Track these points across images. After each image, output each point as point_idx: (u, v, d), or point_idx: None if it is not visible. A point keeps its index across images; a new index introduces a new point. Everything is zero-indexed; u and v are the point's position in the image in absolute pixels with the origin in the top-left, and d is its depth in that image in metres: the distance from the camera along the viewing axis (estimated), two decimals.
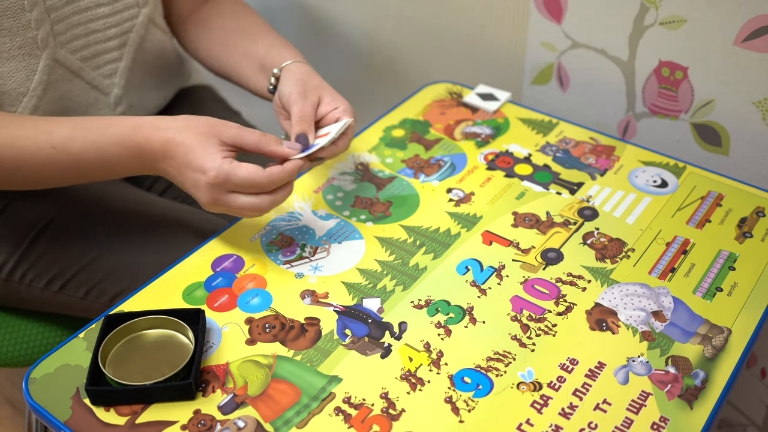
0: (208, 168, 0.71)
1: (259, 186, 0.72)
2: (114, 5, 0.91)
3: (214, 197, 0.73)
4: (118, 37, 0.93)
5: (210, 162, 0.72)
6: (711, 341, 0.70)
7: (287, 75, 0.86)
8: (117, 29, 0.92)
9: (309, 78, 0.85)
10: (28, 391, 0.66)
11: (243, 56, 0.94)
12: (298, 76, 0.85)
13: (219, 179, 0.71)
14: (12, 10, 0.80)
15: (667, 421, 0.63)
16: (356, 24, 1.32)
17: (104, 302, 0.88)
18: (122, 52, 0.95)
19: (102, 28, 0.91)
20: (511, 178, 0.90)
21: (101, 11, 0.89)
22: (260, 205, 0.74)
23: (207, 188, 0.72)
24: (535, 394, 0.66)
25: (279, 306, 0.74)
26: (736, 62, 0.92)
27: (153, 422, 0.64)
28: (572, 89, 1.11)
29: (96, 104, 0.94)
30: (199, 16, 1.02)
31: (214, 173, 0.71)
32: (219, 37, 0.98)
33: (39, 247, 0.89)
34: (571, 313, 0.73)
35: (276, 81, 0.88)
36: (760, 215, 0.84)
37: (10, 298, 0.93)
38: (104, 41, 0.92)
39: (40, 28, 0.83)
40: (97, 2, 0.89)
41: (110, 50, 0.93)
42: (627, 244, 0.81)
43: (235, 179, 0.72)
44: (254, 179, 0.72)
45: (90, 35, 0.90)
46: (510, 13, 1.10)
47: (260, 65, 0.92)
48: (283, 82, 0.86)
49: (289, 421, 0.64)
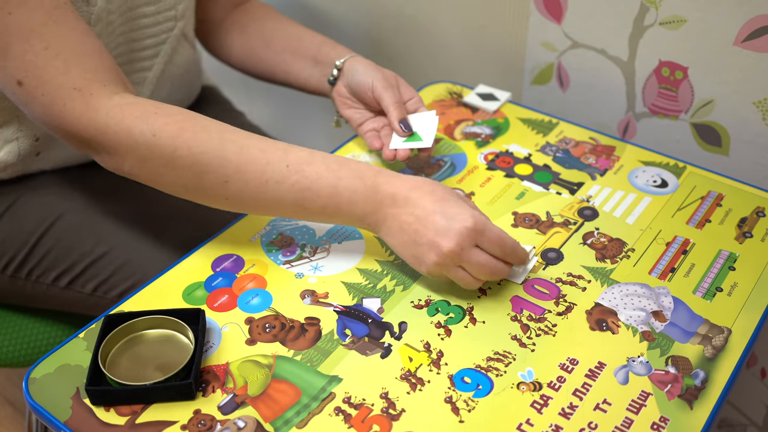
0: (468, 215, 0.69)
1: (505, 248, 0.70)
2: (156, 17, 0.92)
3: (461, 244, 0.68)
4: (153, 48, 0.94)
5: (469, 212, 0.69)
6: (711, 341, 0.70)
7: (357, 66, 0.90)
8: (153, 40, 0.93)
9: (381, 69, 0.90)
10: (28, 391, 0.66)
11: (292, 54, 0.98)
12: (373, 66, 0.90)
13: (477, 227, 0.69)
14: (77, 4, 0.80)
15: (667, 421, 0.63)
16: (356, 24, 1.32)
17: (112, 298, 0.88)
18: (153, 62, 0.95)
19: (141, 38, 0.92)
20: (511, 178, 0.90)
21: (144, 22, 0.91)
22: (496, 269, 0.71)
23: (459, 235, 0.68)
24: (535, 394, 0.66)
25: (279, 306, 0.74)
26: (736, 62, 0.92)
27: (153, 422, 0.64)
28: (572, 89, 1.11)
29: None
30: (232, 21, 1.04)
31: (473, 220, 0.69)
32: (261, 39, 1.01)
33: (47, 243, 0.89)
34: (571, 313, 0.73)
35: (338, 73, 0.92)
36: (760, 215, 0.84)
37: (16, 295, 0.94)
38: (140, 50, 0.93)
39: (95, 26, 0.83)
40: (142, 14, 0.90)
41: (143, 59, 0.94)
42: (627, 244, 0.81)
43: (489, 233, 0.69)
44: (506, 239, 0.70)
45: (130, 44, 0.91)
46: (510, 13, 1.10)
47: (314, 60, 0.96)
48: (359, 71, 0.89)
49: (289, 421, 0.64)
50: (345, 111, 0.93)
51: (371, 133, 0.90)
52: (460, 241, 0.68)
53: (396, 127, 0.86)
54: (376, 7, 1.27)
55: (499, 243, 0.70)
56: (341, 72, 0.92)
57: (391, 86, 0.88)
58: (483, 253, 0.70)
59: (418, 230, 0.70)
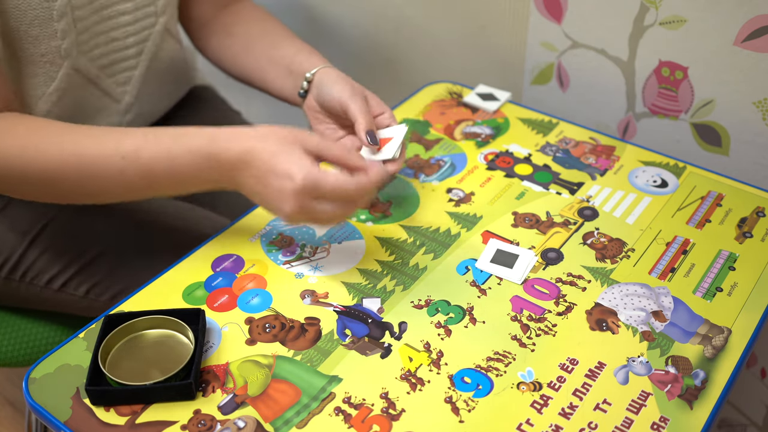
0: (296, 172, 0.68)
1: (347, 193, 0.69)
2: (135, 14, 0.90)
3: (300, 204, 0.68)
4: (136, 46, 0.93)
5: (297, 167, 0.68)
6: (711, 341, 0.70)
7: (327, 78, 0.86)
8: (135, 38, 0.92)
9: (351, 81, 0.86)
10: (28, 391, 0.66)
11: (268, 61, 0.94)
12: (343, 78, 0.85)
13: (308, 185, 0.68)
14: (40, 20, 0.79)
15: (667, 421, 0.63)
16: (356, 24, 1.32)
17: (104, 301, 0.88)
18: (138, 60, 0.94)
19: (122, 36, 0.90)
20: (511, 178, 0.90)
21: (123, 20, 0.89)
22: (346, 212, 0.71)
23: (294, 195, 0.68)
24: (535, 394, 0.66)
25: (279, 306, 0.74)
26: (736, 62, 0.92)
27: (153, 422, 0.64)
28: (572, 89, 1.11)
29: (106, 110, 0.94)
30: (220, 21, 1.01)
31: (302, 178, 0.67)
32: (243, 43, 0.97)
33: (40, 246, 0.89)
34: (571, 313, 0.73)
35: (308, 85, 0.88)
36: (760, 215, 0.84)
37: (10, 296, 0.93)
38: (123, 49, 0.91)
39: (65, 38, 0.82)
40: (120, 11, 0.88)
41: (127, 58, 0.93)
42: (627, 244, 0.81)
43: (324, 185, 0.68)
44: (344, 186, 0.69)
45: (110, 43, 0.90)
46: (510, 13, 1.10)
47: (288, 70, 0.91)
48: (326, 85, 0.85)
49: (289, 421, 0.64)
50: (317, 126, 0.89)
51: None
52: (298, 200, 0.68)
53: (362, 137, 0.80)
54: (376, 8, 1.26)
55: (338, 192, 0.69)
56: (311, 84, 0.87)
57: (359, 97, 0.82)
58: (326, 203, 0.69)
59: (263, 193, 0.71)
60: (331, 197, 0.69)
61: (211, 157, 0.71)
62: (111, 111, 0.95)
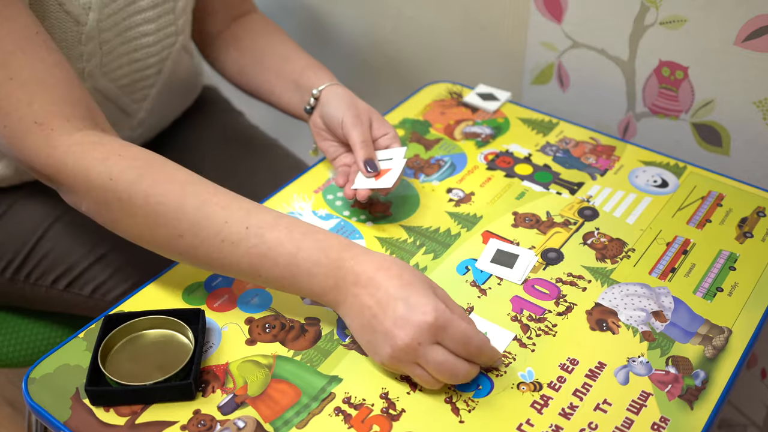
0: (431, 308, 0.62)
1: (470, 347, 0.63)
2: (157, 34, 0.90)
3: (418, 340, 0.62)
4: (156, 65, 0.93)
5: (433, 303, 0.62)
6: (711, 341, 0.70)
7: (333, 97, 0.86)
8: (156, 58, 0.92)
9: (357, 101, 0.86)
10: (28, 391, 0.66)
11: (276, 76, 0.94)
12: (347, 100, 0.85)
13: (438, 323, 0.61)
14: (68, 42, 0.79)
15: (668, 421, 0.63)
16: (356, 24, 1.32)
17: (110, 300, 0.88)
18: (157, 79, 0.95)
19: (144, 57, 0.90)
20: (511, 178, 0.90)
21: (146, 41, 0.89)
22: (459, 370, 0.63)
23: (417, 327, 0.61)
24: (535, 394, 0.66)
25: (279, 306, 0.74)
26: (736, 62, 0.92)
27: (153, 422, 0.64)
28: (572, 89, 1.11)
29: (118, 125, 0.94)
30: (229, 34, 1.01)
31: (435, 314, 0.61)
32: (252, 57, 0.97)
33: (45, 246, 0.89)
34: (572, 313, 0.73)
35: (315, 102, 0.88)
36: (760, 215, 0.84)
37: (14, 297, 0.94)
38: (143, 69, 0.92)
39: (90, 60, 0.82)
40: (143, 32, 0.88)
41: (147, 77, 0.93)
42: (627, 244, 0.81)
43: (452, 330, 0.62)
44: (471, 336, 0.63)
45: (132, 64, 0.90)
46: (510, 13, 1.10)
47: (295, 85, 0.91)
48: (331, 104, 0.85)
49: (289, 421, 0.64)
50: (321, 143, 0.89)
51: (343, 169, 0.86)
52: (418, 336, 0.62)
53: (361, 166, 0.81)
54: (376, 8, 1.26)
55: (463, 341, 0.62)
56: (318, 101, 0.88)
57: (360, 123, 0.82)
58: (443, 351, 0.62)
59: (376, 315, 0.63)
60: (453, 345, 0.63)
61: (339, 261, 0.65)
62: (123, 125, 0.95)
